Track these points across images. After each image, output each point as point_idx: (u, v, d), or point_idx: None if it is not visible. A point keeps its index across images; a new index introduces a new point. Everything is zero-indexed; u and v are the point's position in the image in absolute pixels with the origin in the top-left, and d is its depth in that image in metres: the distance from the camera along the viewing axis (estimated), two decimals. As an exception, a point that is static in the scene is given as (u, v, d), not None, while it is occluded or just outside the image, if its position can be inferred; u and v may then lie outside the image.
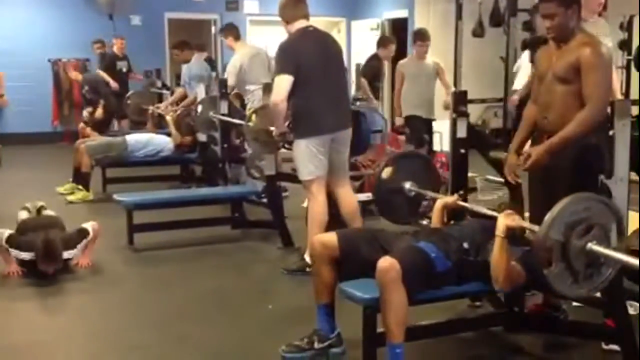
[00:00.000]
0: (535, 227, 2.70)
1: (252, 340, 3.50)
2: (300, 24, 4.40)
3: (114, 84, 9.78)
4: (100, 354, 3.39)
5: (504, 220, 2.85)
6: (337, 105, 4.42)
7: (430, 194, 3.71)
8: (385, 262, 2.77)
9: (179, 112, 7.50)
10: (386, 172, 3.77)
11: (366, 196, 6.21)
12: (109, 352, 3.39)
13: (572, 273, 2.63)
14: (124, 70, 10.27)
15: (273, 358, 3.18)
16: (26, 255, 4.32)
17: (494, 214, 3.03)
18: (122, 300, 4.14)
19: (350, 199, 4.64)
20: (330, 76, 4.39)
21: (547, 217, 2.58)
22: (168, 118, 7.28)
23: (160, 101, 9.11)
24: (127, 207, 5.05)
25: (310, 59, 4.28)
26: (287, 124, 4.46)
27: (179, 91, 8.23)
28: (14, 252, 4.36)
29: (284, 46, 4.35)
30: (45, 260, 4.26)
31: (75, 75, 10.54)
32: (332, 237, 3.12)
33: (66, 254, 4.41)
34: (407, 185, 3.74)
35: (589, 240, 2.60)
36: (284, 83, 4.20)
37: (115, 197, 5.22)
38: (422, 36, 7.03)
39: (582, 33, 3.30)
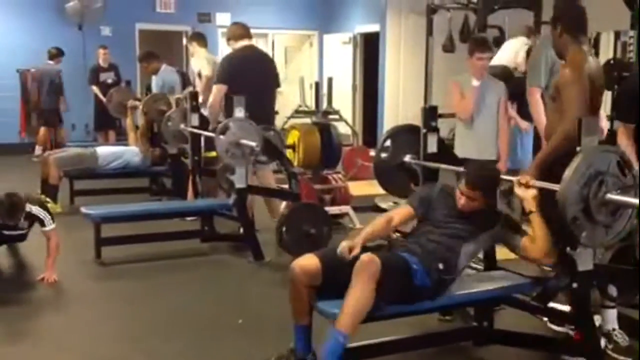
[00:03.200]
0: (556, 186, 2.79)
1: (222, 356, 3.46)
2: (244, 42, 5.67)
3: (103, 99, 9.75)
4: None
5: (527, 194, 2.95)
6: (262, 112, 5.36)
7: (430, 164, 3.78)
8: (367, 257, 2.79)
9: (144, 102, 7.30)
10: (385, 147, 3.94)
11: (337, 209, 6.24)
12: None
13: (598, 225, 2.80)
14: (109, 81, 10.13)
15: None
16: None
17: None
18: (90, 316, 4.07)
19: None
20: (260, 87, 5.51)
21: (564, 177, 2.74)
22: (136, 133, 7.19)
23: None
24: (95, 220, 4.98)
25: (245, 72, 5.49)
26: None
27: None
28: None
29: (225, 59, 5.72)
30: (8, 212, 4.26)
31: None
32: (314, 263, 2.96)
33: (30, 208, 4.41)
34: (407, 157, 3.83)
35: (606, 192, 2.76)
36: (219, 91, 5.54)
37: (83, 210, 5.15)
38: (482, 45, 4.48)
39: (574, 49, 3.39)
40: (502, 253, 3.73)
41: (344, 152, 7.27)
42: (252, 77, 5.48)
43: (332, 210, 6.07)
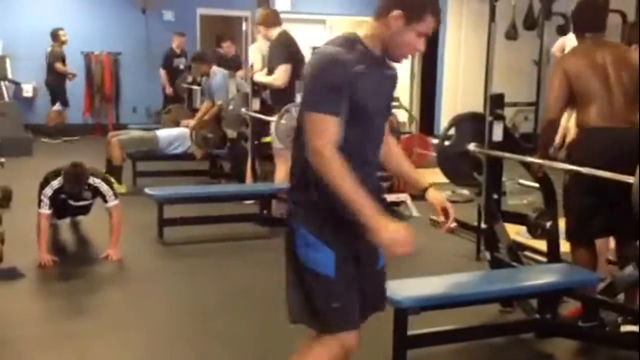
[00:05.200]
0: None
1: (288, 337, 3.49)
2: (278, 29, 5.62)
3: (168, 90, 10.00)
4: (142, 347, 3.39)
5: None
6: None
7: (495, 153, 3.72)
8: None
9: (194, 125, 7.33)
10: (449, 135, 3.92)
11: (395, 197, 6.21)
12: (151, 346, 3.39)
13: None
14: (181, 67, 10.39)
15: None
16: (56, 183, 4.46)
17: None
18: (152, 294, 4.16)
19: None
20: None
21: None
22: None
23: (190, 97, 9.14)
24: (158, 200, 5.08)
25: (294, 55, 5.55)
26: None
27: (204, 106, 8.09)
28: (45, 193, 4.45)
29: (280, 42, 5.56)
30: (73, 180, 4.41)
31: None
32: None
33: (93, 180, 4.55)
34: (471, 146, 3.79)
35: None
36: (286, 71, 5.44)
37: (147, 190, 5.26)
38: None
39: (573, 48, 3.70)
40: (566, 246, 3.68)
41: (402, 139, 7.22)
42: (295, 61, 5.50)
43: (390, 198, 6.05)
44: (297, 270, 2.09)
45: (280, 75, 5.45)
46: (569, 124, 4.91)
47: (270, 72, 5.60)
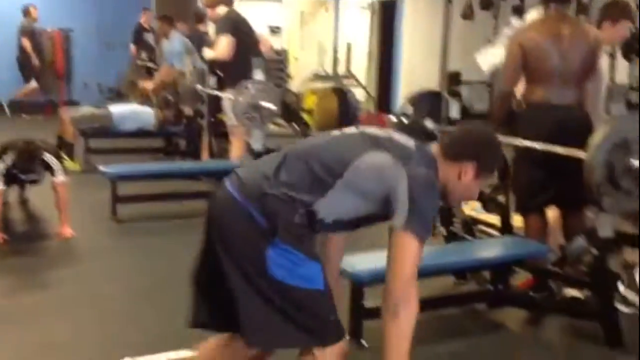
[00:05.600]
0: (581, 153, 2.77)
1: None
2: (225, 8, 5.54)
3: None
4: (96, 323, 3.34)
5: None
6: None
7: (452, 129, 3.73)
8: None
9: (154, 87, 7.38)
10: (406, 112, 3.91)
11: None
12: (105, 322, 3.35)
13: (621, 192, 2.77)
14: (150, 42, 10.27)
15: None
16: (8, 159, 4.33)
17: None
18: (104, 270, 4.10)
19: None
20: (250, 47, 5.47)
21: (592, 142, 2.72)
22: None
23: (150, 73, 9.01)
24: (112, 178, 5.00)
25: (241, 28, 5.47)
26: None
27: (163, 68, 8.10)
28: None
29: (224, 18, 5.48)
30: (26, 158, 4.32)
31: None
32: None
33: (45, 155, 4.44)
34: (428, 123, 3.81)
35: (631, 157, 2.73)
36: (228, 43, 5.33)
37: (100, 167, 5.17)
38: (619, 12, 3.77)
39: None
40: (519, 220, 3.75)
41: (359, 118, 7.24)
42: (247, 37, 5.49)
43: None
44: (272, 293, 1.87)
45: (221, 47, 5.40)
46: None
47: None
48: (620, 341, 3.05)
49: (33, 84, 10.22)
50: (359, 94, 9.07)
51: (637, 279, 3.43)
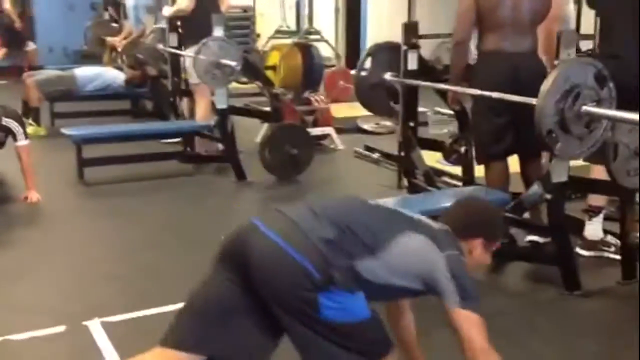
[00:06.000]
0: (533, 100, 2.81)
1: (204, 268, 3.52)
2: None
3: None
4: (68, 284, 3.36)
5: None
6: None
7: (410, 81, 3.79)
8: None
9: (123, 46, 7.30)
10: (365, 66, 3.92)
11: (320, 131, 6.26)
12: (77, 283, 3.37)
13: (572, 137, 2.83)
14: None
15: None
16: None
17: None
18: (72, 232, 4.11)
19: None
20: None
21: (542, 89, 2.75)
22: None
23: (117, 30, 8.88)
24: (76, 141, 4.97)
25: None
26: None
27: (127, 26, 8.00)
28: None
29: None
30: None
31: None
32: None
33: (5, 121, 4.40)
34: (387, 75, 3.84)
35: (582, 104, 2.78)
36: None
37: (64, 131, 5.13)
38: None
39: None
40: (480, 170, 3.81)
41: (325, 74, 7.23)
42: None
43: (314, 131, 6.09)
44: (328, 332, 1.86)
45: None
46: None
47: None
48: (578, 285, 3.15)
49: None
50: (325, 50, 9.03)
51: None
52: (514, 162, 3.66)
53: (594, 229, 3.56)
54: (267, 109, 5.66)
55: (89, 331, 2.81)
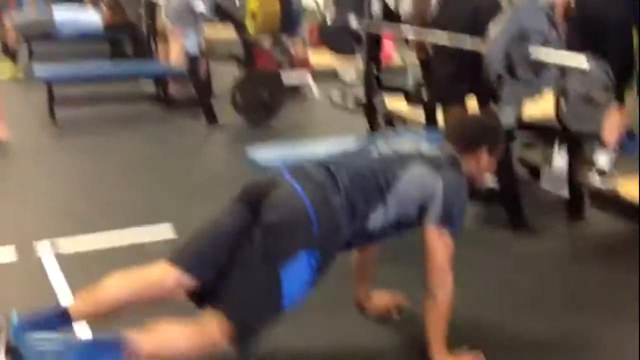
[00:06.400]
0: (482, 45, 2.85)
1: (171, 207, 3.59)
2: None
3: None
4: (31, 219, 3.41)
5: None
6: None
7: (374, 27, 3.82)
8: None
9: None
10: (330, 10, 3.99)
11: (296, 77, 6.26)
12: (41, 218, 3.41)
13: (520, 82, 2.92)
14: None
15: (195, 214, 3.32)
16: None
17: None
18: (46, 169, 4.17)
19: None
20: None
21: (491, 34, 2.82)
22: None
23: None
24: (47, 80, 4.99)
25: None
26: None
27: None
28: None
29: None
30: None
31: None
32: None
33: None
34: (351, 20, 3.87)
35: (529, 47, 2.84)
36: None
37: (35, 70, 5.15)
38: None
39: None
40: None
41: (308, 25, 7.17)
42: None
43: (291, 78, 6.11)
44: (262, 275, 1.92)
45: None
46: None
47: None
48: (524, 225, 3.23)
49: None
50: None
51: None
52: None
53: (604, 160, 3.55)
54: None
55: (37, 254, 2.90)
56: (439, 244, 2.04)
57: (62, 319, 1.93)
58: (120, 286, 1.98)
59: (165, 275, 1.98)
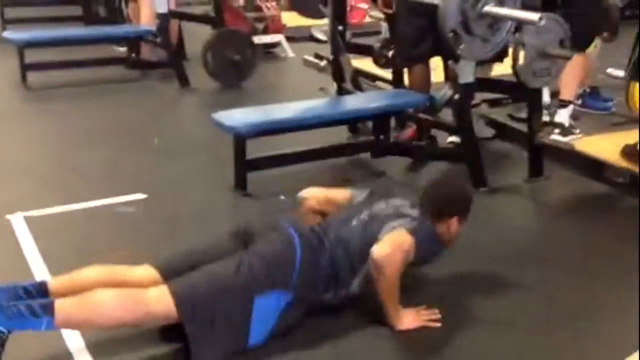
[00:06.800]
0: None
1: (134, 166, 3.65)
2: None
3: None
4: (1, 184, 3.41)
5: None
6: None
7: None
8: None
9: None
10: None
11: (270, 38, 6.28)
12: (11, 183, 3.43)
13: (476, 38, 2.96)
14: None
15: (164, 175, 3.44)
16: None
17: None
18: (16, 133, 4.19)
19: None
20: None
21: None
22: None
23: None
24: (18, 44, 4.98)
25: None
26: None
27: None
28: None
29: None
30: None
31: None
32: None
33: None
34: None
35: (484, 4, 2.89)
36: None
37: (6, 34, 5.13)
38: None
39: None
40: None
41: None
42: None
43: (264, 39, 6.12)
44: (232, 298, 2.00)
45: None
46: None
47: None
48: (484, 182, 3.31)
49: None
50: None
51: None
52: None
53: (564, 116, 3.69)
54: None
55: (6, 217, 2.93)
56: (398, 234, 2.12)
57: (38, 291, 2.00)
58: (101, 276, 2.03)
59: (145, 275, 2.07)
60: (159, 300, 1.92)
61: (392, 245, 2.10)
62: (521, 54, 3.12)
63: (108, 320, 1.91)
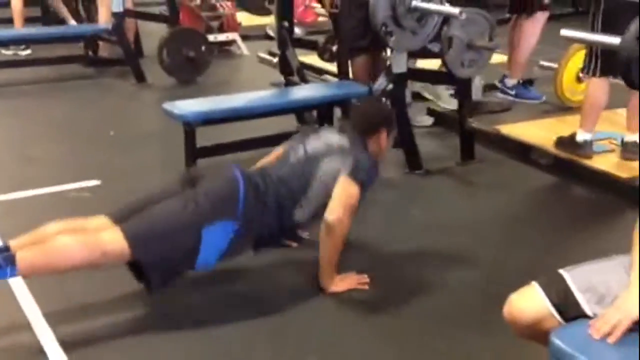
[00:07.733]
0: None
1: (90, 159, 3.81)
2: None
3: None
4: None
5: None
6: None
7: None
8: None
9: None
10: None
11: (225, 36, 6.45)
12: None
13: (406, 31, 3.20)
14: None
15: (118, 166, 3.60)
16: None
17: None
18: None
19: None
20: None
21: None
22: None
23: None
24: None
25: None
26: None
27: None
28: None
29: None
30: None
31: None
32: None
33: None
34: None
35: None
36: None
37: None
38: None
39: None
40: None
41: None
42: None
43: (220, 37, 6.30)
44: (182, 225, 2.21)
45: None
46: None
47: None
48: (419, 165, 3.56)
49: None
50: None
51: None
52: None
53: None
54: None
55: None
56: (345, 193, 2.35)
57: (1, 250, 2.15)
58: (60, 229, 2.19)
59: (101, 224, 2.24)
60: (113, 240, 2.12)
61: (343, 206, 2.34)
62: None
63: (68, 263, 2.08)
